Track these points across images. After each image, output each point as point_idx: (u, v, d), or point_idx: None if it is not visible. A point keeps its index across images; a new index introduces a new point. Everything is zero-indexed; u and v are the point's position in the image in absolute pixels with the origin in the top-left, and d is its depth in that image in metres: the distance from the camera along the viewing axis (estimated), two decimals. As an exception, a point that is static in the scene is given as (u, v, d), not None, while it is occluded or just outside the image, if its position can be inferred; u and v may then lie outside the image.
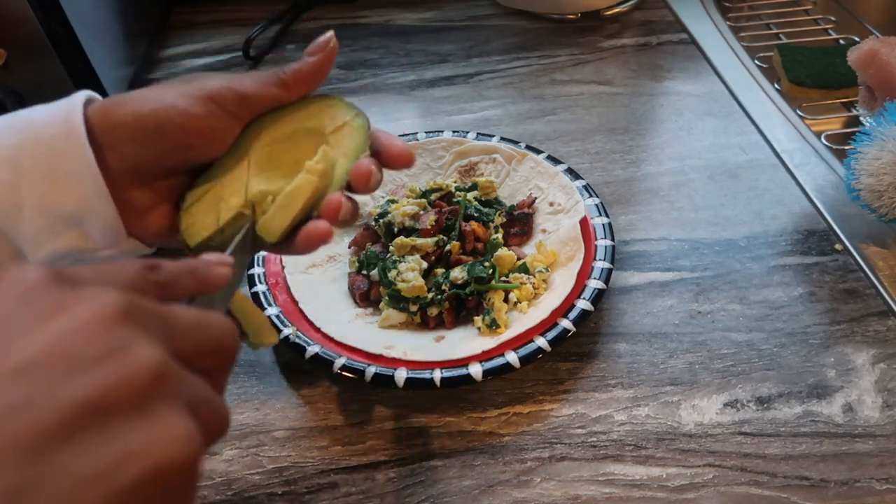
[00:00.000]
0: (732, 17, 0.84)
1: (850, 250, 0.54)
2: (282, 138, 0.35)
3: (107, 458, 0.16)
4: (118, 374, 0.17)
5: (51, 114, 0.31)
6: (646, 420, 0.44)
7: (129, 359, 0.18)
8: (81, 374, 0.17)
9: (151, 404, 0.18)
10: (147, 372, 0.18)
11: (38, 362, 0.17)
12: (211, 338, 0.22)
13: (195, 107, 0.31)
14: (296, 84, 0.34)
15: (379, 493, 0.41)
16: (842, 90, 0.68)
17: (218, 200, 0.33)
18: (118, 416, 0.17)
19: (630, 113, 0.69)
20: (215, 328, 0.22)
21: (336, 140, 0.35)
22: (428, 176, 0.59)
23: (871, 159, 0.50)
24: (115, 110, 0.31)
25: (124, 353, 0.18)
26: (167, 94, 0.31)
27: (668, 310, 0.50)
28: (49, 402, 0.16)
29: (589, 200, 0.54)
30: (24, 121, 0.31)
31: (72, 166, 0.30)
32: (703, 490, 0.40)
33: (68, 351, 0.17)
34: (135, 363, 0.18)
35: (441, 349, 0.46)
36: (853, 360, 0.47)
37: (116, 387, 0.17)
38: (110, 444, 0.17)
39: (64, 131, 0.30)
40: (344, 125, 0.35)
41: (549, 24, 0.83)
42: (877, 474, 0.41)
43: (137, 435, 0.17)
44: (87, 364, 0.17)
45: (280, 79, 0.33)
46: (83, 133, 0.30)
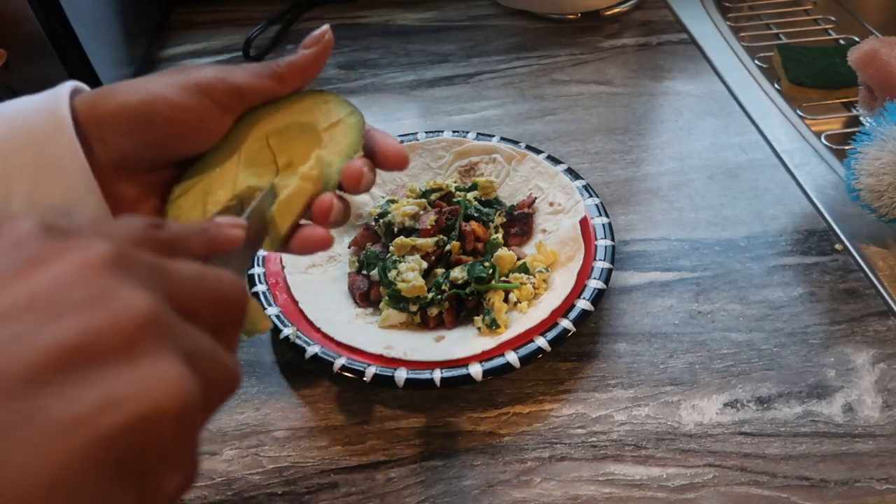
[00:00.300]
0: (732, 17, 0.85)
1: (850, 250, 0.54)
2: (274, 133, 0.34)
3: (88, 403, 0.16)
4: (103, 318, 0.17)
5: (37, 105, 0.30)
6: (646, 420, 0.44)
7: (117, 304, 0.17)
8: (65, 317, 0.16)
9: (139, 350, 0.17)
10: (135, 317, 0.17)
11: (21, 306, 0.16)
12: (215, 291, 0.21)
13: (185, 98, 0.31)
14: (290, 77, 0.33)
15: (379, 493, 0.41)
16: (842, 90, 0.68)
17: (206, 194, 0.33)
18: (102, 360, 0.16)
19: (630, 113, 0.69)
20: (220, 282, 0.21)
21: (329, 137, 0.34)
22: (428, 176, 0.59)
23: (871, 159, 0.50)
24: (103, 101, 0.31)
25: (111, 298, 0.17)
26: (156, 84, 0.31)
27: (668, 310, 0.50)
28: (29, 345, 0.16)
29: (589, 200, 0.54)
30: (10, 112, 0.30)
31: (59, 158, 0.30)
32: (703, 490, 0.40)
33: (53, 296, 0.17)
34: (122, 308, 0.17)
35: (441, 349, 0.46)
36: (853, 360, 0.47)
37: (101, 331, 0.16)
38: (92, 389, 0.16)
39: (51, 122, 0.30)
40: (338, 122, 0.34)
41: (549, 24, 0.83)
42: (877, 474, 0.41)
43: (122, 380, 0.16)
44: (71, 308, 0.17)
45: (274, 71, 0.33)
46: (70, 125, 0.30)
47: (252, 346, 0.49)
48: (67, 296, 0.17)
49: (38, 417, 0.15)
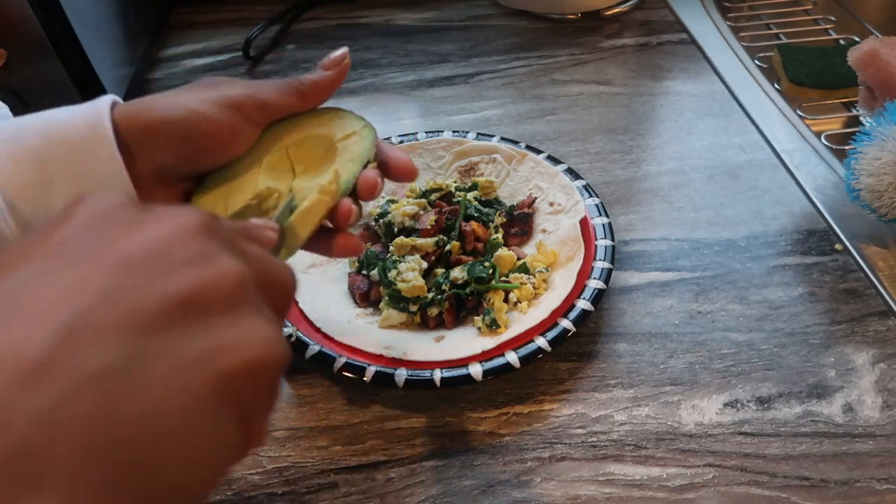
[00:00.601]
0: (732, 17, 0.85)
1: (850, 250, 0.54)
2: (293, 143, 0.36)
3: (205, 347, 0.18)
4: (210, 277, 0.19)
5: (78, 117, 0.32)
6: (646, 420, 0.44)
7: (218, 265, 0.19)
8: (178, 272, 0.19)
9: (239, 308, 0.19)
10: (235, 278, 0.19)
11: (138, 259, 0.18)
12: (276, 275, 0.23)
13: (220, 115, 0.33)
14: (311, 95, 0.36)
15: (379, 493, 0.41)
16: (842, 90, 0.68)
17: (227, 196, 0.35)
18: (212, 313, 0.19)
19: (630, 113, 0.69)
20: (281, 267, 0.23)
21: (344, 147, 0.36)
22: (428, 176, 0.59)
23: (871, 159, 0.50)
24: (143, 115, 0.32)
25: (213, 260, 0.19)
26: (192, 100, 0.33)
27: (668, 310, 0.50)
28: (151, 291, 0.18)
29: (589, 200, 0.54)
30: (50, 122, 0.32)
31: (101, 170, 0.31)
32: (703, 490, 0.40)
33: (161, 253, 0.19)
34: (223, 269, 0.19)
35: (441, 349, 0.46)
36: (853, 360, 0.47)
37: (209, 287, 0.19)
38: (207, 336, 0.18)
39: (93, 135, 0.31)
40: (353, 133, 0.37)
41: (549, 24, 0.83)
42: (877, 474, 0.41)
43: (230, 331, 0.19)
44: (181, 264, 0.19)
45: (298, 90, 0.35)
46: (112, 138, 0.31)
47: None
48: (174, 254, 0.19)
49: (168, 354, 0.17)
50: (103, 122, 0.31)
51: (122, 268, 0.18)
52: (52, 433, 0.15)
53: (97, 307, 0.17)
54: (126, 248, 0.18)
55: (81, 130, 0.31)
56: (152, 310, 0.17)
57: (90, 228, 0.19)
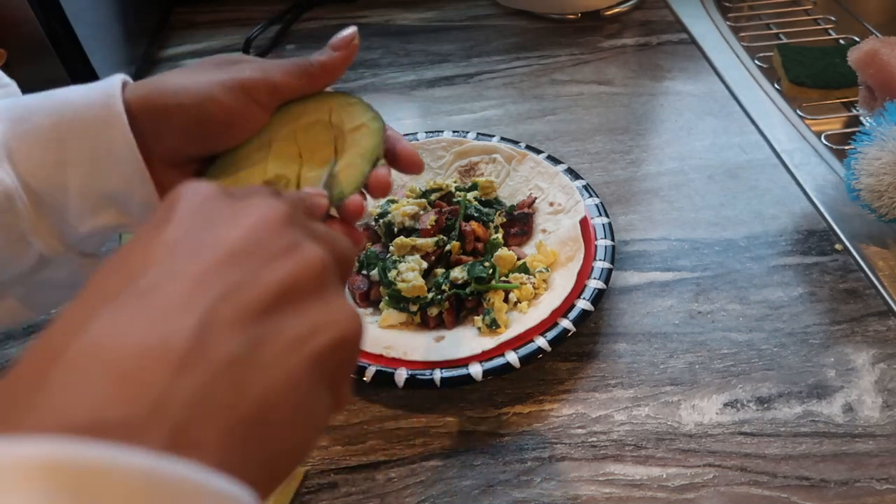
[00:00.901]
0: (732, 17, 0.85)
1: (850, 250, 0.54)
2: (302, 128, 0.36)
3: (304, 327, 0.21)
4: (300, 265, 0.22)
5: (90, 96, 0.32)
6: (646, 420, 0.44)
7: (305, 253, 0.22)
8: (274, 262, 0.21)
9: (325, 290, 0.22)
10: (319, 264, 0.22)
11: (241, 252, 0.21)
12: (342, 249, 0.25)
13: (233, 101, 0.33)
14: (321, 76, 0.36)
15: (379, 493, 0.41)
16: (842, 90, 0.68)
17: (237, 180, 0.35)
18: (304, 297, 0.21)
19: (630, 113, 0.69)
20: (342, 240, 0.26)
21: (353, 140, 0.36)
22: (428, 176, 0.59)
23: (871, 159, 0.50)
24: (157, 99, 0.33)
25: (300, 249, 0.22)
26: (204, 85, 0.33)
27: (668, 310, 0.50)
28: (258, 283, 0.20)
29: (589, 200, 0.54)
30: (62, 102, 0.32)
31: (114, 150, 0.32)
32: (703, 490, 0.40)
33: (260, 244, 0.21)
34: (310, 256, 0.22)
35: (441, 349, 0.46)
36: (853, 360, 0.47)
37: (301, 274, 0.21)
38: (302, 319, 0.21)
39: (106, 116, 0.32)
40: (361, 125, 0.36)
41: (549, 24, 0.83)
42: (877, 474, 0.41)
43: (320, 313, 0.21)
44: (276, 255, 0.21)
45: (307, 71, 0.35)
46: (125, 119, 0.32)
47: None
48: (270, 245, 0.22)
49: (275, 335, 0.20)
50: (116, 102, 0.32)
51: (229, 264, 0.20)
52: (202, 413, 0.18)
53: (219, 303, 0.19)
54: (228, 244, 0.21)
55: (94, 110, 0.32)
56: (260, 302, 0.20)
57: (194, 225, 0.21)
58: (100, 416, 0.17)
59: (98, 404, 0.17)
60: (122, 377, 0.17)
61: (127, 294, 0.19)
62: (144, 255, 0.21)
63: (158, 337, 0.18)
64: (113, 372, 0.17)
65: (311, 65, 0.35)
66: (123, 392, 0.17)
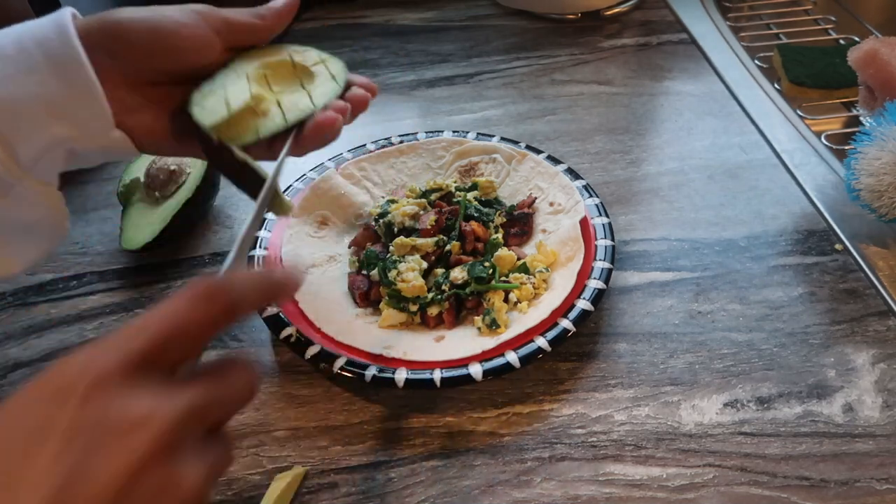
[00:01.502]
0: (732, 17, 0.85)
1: (850, 250, 0.54)
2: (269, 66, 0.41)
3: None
4: None
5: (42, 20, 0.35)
6: (646, 420, 0.44)
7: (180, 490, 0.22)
8: None
9: None
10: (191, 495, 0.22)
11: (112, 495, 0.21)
12: (236, 404, 0.26)
13: (187, 18, 0.37)
14: (270, 20, 0.40)
15: (379, 493, 0.41)
16: (842, 90, 0.68)
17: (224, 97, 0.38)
18: None
19: (630, 113, 0.69)
20: (241, 394, 0.26)
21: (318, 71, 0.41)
22: (428, 176, 0.59)
23: (871, 159, 0.50)
24: (110, 18, 0.35)
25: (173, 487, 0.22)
26: (158, 9, 0.36)
27: (668, 310, 0.50)
28: None
29: (589, 200, 0.54)
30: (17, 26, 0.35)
31: (61, 59, 0.33)
32: (703, 490, 0.40)
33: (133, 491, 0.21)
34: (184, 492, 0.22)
35: (441, 349, 0.46)
36: (853, 360, 0.47)
37: None
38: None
39: (55, 27, 0.34)
40: (322, 61, 0.42)
41: (549, 24, 0.83)
42: (877, 474, 0.41)
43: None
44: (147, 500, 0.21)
45: (257, 11, 0.39)
46: (72, 28, 0.34)
47: (252, 347, 0.49)
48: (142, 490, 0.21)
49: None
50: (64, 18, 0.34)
51: None
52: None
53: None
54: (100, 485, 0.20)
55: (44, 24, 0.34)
56: None
57: (72, 449, 0.20)
58: None
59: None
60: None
61: None
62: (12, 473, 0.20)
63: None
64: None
65: (260, 8, 0.39)
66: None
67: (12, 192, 0.34)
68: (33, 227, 0.37)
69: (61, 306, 0.53)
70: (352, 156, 0.60)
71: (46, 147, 0.35)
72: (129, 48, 0.36)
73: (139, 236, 0.54)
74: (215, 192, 0.59)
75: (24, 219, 0.36)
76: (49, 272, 0.55)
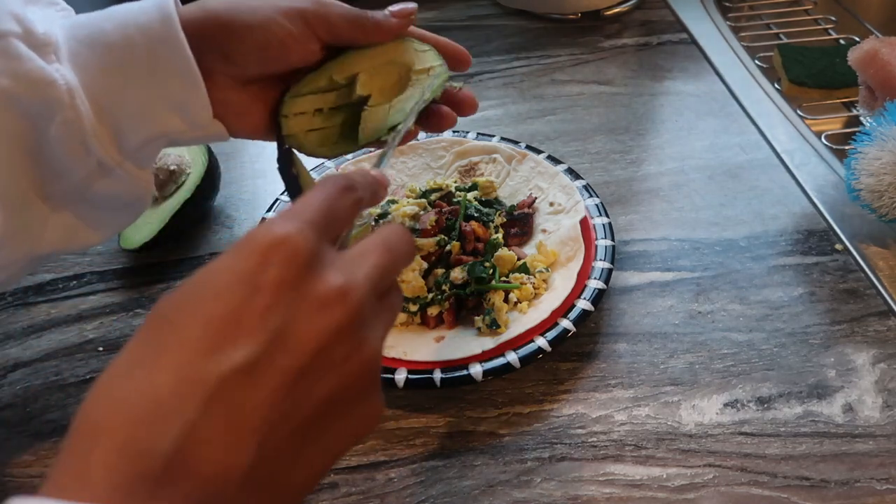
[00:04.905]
0: (733, 17, 0.84)
1: (850, 250, 0.54)
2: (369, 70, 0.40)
3: (334, 438, 0.24)
4: (354, 373, 0.24)
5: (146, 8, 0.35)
6: (646, 420, 0.44)
7: (360, 358, 0.24)
8: (331, 374, 0.23)
9: (369, 391, 0.25)
10: (371, 366, 0.24)
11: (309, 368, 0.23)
12: (403, 264, 0.28)
13: (294, 26, 0.37)
14: (372, 34, 0.39)
15: (379, 493, 0.41)
16: (842, 90, 0.68)
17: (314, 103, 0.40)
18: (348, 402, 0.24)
19: (630, 113, 0.69)
20: (406, 254, 0.28)
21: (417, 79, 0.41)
22: (428, 176, 0.59)
23: (871, 159, 0.50)
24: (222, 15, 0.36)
25: (357, 355, 0.24)
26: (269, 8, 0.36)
27: (669, 310, 0.50)
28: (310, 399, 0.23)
29: (589, 200, 0.54)
30: (121, 11, 0.35)
31: (170, 54, 0.34)
32: (704, 490, 0.40)
33: (327, 355, 0.23)
34: (363, 361, 0.24)
35: (441, 349, 0.46)
36: (853, 360, 0.47)
37: (352, 382, 0.24)
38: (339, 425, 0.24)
39: (159, 20, 0.34)
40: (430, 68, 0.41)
41: (549, 24, 0.83)
42: (877, 474, 0.41)
43: (355, 418, 0.24)
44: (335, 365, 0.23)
45: (363, 24, 0.39)
46: (177, 22, 0.34)
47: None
48: (333, 355, 0.23)
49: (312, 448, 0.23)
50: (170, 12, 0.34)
51: (297, 378, 0.22)
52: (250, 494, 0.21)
53: (278, 424, 0.22)
54: (302, 353, 0.22)
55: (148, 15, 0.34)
56: (308, 417, 0.23)
57: (278, 308, 0.22)
58: None
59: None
60: None
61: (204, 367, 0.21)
62: (226, 317, 0.22)
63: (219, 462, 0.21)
64: None
65: (367, 20, 0.38)
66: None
67: (110, 173, 0.36)
68: (123, 204, 0.39)
69: (61, 306, 0.53)
70: (352, 156, 0.60)
71: (150, 138, 0.36)
72: (243, 54, 0.36)
73: (138, 236, 0.54)
74: (215, 192, 0.59)
75: (116, 196, 0.37)
76: (49, 272, 0.55)
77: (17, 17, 0.32)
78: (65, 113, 0.33)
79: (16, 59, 0.32)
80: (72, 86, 0.33)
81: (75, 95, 0.33)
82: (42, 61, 0.32)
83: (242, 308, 0.22)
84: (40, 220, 0.36)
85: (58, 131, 0.33)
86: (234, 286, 0.22)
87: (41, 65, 0.32)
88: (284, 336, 0.22)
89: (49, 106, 0.32)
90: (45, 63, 0.32)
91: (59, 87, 0.32)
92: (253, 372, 0.21)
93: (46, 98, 0.32)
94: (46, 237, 0.36)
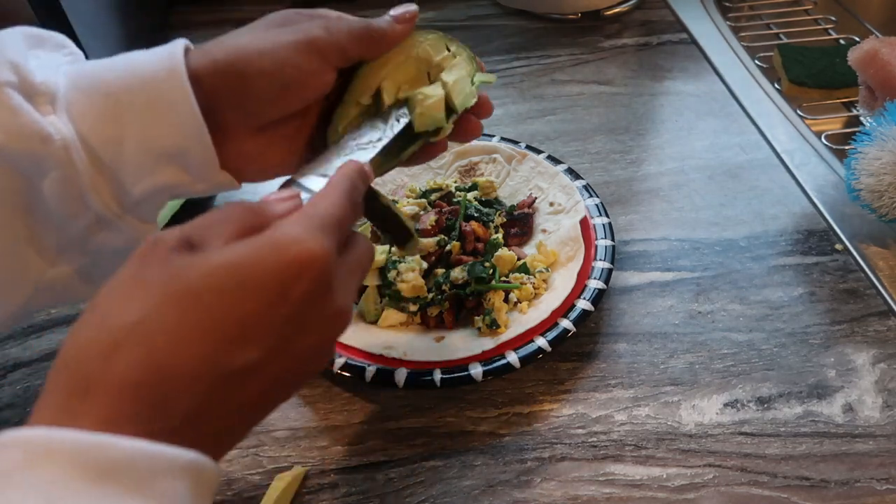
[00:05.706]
0: (733, 16, 0.84)
1: (850, 250, 0.54)
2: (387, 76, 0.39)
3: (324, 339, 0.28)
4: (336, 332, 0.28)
5: (150, 56, 0.33)
6: (646, 420, 0.44)
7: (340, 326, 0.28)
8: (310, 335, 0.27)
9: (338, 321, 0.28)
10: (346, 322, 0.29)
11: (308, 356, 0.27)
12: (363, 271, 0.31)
13: (308, 63, 0.34)
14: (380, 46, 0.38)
15: (379, 493, 0.41)
16: (842, 90, 0.68)
17: None
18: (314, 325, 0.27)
19: (630, 113, 0.69)
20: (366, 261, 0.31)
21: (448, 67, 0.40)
22: (428, 176, 0.59)
23: (871, 159, 0.50)
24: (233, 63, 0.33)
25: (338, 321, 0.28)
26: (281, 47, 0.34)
27: (669, 310, 0.50)
28: None
29: (589, 200, 0.54)
30: (122, 61, 0.33)
31: (172, 105, 0.32)
32: (704, 490, 0.40)
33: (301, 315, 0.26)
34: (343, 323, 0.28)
35: (441, 349, 0.46)
36: (853, 360, 0.47)
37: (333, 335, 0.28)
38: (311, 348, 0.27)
39: (164, 72, 0.32)
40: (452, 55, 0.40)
41: (549, 24, 0.83)
42: (877, 474, 0.41)
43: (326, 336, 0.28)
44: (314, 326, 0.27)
45: (372, 39, 0.37)
46: (183, 71, 0.32)
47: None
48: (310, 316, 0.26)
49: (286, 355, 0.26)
50: (176, 60, 0.32)
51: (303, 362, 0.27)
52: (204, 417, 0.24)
53: None
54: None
55: (153, 66, 0.32)
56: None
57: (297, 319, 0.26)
58: None
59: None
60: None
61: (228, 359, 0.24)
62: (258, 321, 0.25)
63: None
64: None
65: (375, 33, 0.37)
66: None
67: (110, 226, 0.34)
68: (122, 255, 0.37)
69: (61, 306, 0.53)
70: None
71: (151, 191, 0.34)
72: (259, 103, 0.34)
73: (139, 236, 0.54)
74: (215, 192, 0.59)
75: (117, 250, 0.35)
76: (49, 272, 0.55)
77: (15, 65, 0.31)
78: (61, 169, 0.31)
79: (9, 111, 0.30)
80: (67, 140, 0.31)
81: (71, 150, 0.31)
82: (37, 114, 0.31)
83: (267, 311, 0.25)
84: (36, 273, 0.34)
85: (53, 186, 0.32)
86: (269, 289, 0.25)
87: (35, 118, 0.31)
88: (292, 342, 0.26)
89: (43, 161, 0.31)
90: (39, 116, 0.31)
91: (53, 142, 0.31)
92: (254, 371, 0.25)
93: (40, 153, 0.31)
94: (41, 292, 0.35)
